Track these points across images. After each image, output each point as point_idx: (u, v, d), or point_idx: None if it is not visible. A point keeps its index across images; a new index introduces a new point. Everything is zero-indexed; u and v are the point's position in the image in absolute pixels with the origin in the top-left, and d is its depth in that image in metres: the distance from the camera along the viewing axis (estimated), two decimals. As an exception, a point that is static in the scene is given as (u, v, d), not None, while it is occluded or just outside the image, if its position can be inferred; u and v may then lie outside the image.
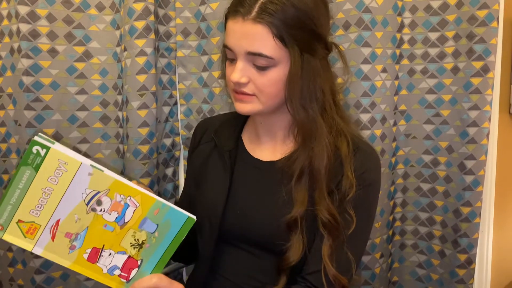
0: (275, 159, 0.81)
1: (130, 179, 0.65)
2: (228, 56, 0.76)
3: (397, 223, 1.23)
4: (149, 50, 1.04)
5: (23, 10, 1.01)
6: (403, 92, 1.17)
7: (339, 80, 0.99)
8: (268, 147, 0.83)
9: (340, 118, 0.78)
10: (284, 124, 0.81)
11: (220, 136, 0.87)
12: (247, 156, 0.85)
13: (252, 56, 0.71)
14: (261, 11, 0.69)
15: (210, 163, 0.86)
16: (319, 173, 0.74)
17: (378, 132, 1.11)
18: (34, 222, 0.62)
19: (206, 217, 0.81)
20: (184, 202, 0.93)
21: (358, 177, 0.75)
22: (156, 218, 0.65)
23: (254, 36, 0.69)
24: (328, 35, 0.78)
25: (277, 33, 0.69)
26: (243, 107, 0.76)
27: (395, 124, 1.17)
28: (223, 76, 0.83)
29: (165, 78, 1.15)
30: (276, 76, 0.72)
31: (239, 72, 0.72)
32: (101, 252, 0.65)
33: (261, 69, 0.72)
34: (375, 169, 0.80)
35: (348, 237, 0.73)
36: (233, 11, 0.72)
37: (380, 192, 0.92)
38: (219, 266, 0.82)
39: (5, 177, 1.12)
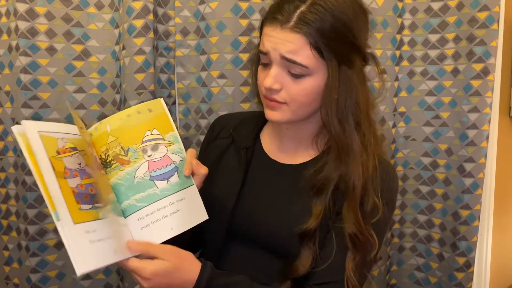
0: (294, 163, 0.81)
1: None
2: (262, 61, 0.75)
3: (396, 226, 1.22)
4: (147, 49, 1.03)
5: (21, 7, 1.01)
6: (403, 93, 1.16)
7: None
8: (289, 151, 0.82)
9: (373, 136, 0.76)
10: (311, 132, 0.80)
11: (239, 132, 0.86)
12: (264, 156, 0.84)
13: (287, 62, 0.70)
14: (299, 20, 0.68)
15: (225, 159, 0.86)
16: (354, 189, 0.72)
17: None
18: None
19: (216, 213, 0.80)
20: None
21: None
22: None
23: (291, 44, 0.69)
24: (366, 47, 0.77)
25: (315, 44, 0.68)
26: (273, 115, 0.75)
27: (394, 125, 1.16)
28: (254, 80, 0.82)
29: (163, 77, 1.14)
30: (310, 85, 0.71)
31: (272, 78, 0.71)
32: None
33: (296, 77, 0.71)
34: (393, 189, 0.79)
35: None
36: (271, 18, 0.71)
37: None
38: (225, 263, 0.81)
39: (2, 175, 1.11)
